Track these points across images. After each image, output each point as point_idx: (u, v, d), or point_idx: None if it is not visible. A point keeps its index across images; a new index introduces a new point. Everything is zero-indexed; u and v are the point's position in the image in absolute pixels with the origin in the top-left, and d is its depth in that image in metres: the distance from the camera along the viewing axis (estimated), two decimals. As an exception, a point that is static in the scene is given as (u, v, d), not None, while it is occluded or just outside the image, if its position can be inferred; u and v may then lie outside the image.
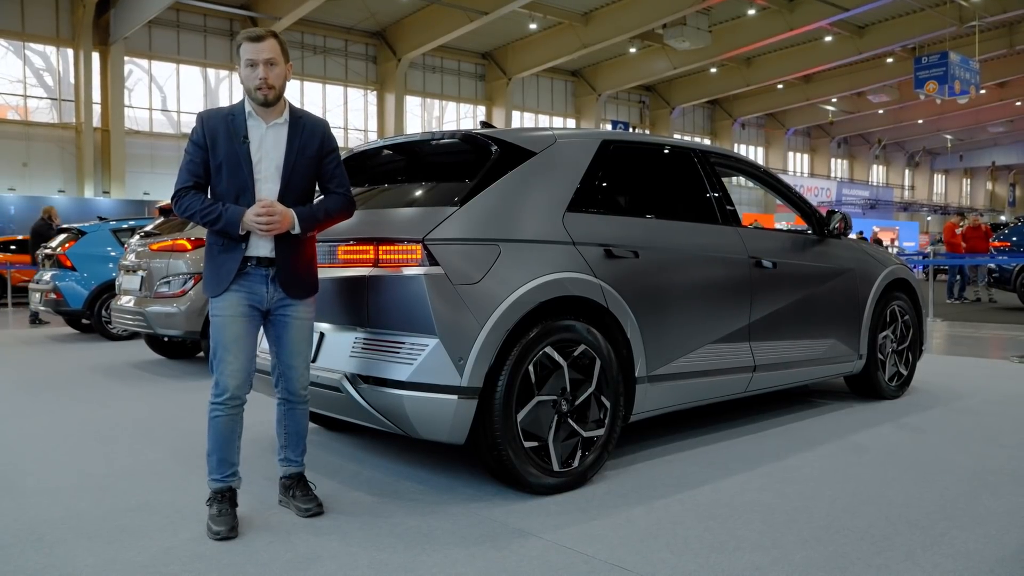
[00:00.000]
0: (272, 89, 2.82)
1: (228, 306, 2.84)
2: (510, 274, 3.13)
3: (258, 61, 2.80)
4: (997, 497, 3.16)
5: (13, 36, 21.32)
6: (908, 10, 25.69)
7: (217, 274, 2.86)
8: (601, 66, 31.54)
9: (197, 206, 2.80)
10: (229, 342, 2.83)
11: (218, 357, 2.83)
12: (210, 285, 2.88)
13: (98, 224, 10.05)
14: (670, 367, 3.73)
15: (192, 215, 2.82)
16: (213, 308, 2.87)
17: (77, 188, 22.01)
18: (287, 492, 3.08)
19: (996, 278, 13.17)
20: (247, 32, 2.85)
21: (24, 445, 4.22)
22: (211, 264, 2.89)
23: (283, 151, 2.87)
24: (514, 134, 3.57)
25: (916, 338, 5.39)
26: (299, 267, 2.93)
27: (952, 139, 46.29)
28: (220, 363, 2.83)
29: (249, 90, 2.84)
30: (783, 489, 3.28)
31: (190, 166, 2.84)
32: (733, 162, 4.67)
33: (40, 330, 10.68)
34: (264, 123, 2.86)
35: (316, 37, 26.31)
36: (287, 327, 2.94)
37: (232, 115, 2.86)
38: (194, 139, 2.85)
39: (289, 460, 3.09)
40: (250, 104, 2.87)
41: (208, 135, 2.83)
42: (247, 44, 2.82)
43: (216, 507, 2.83)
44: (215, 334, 2.85)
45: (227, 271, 2.84)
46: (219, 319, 2.85)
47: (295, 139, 2.90)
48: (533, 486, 3.18)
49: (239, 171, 2.82)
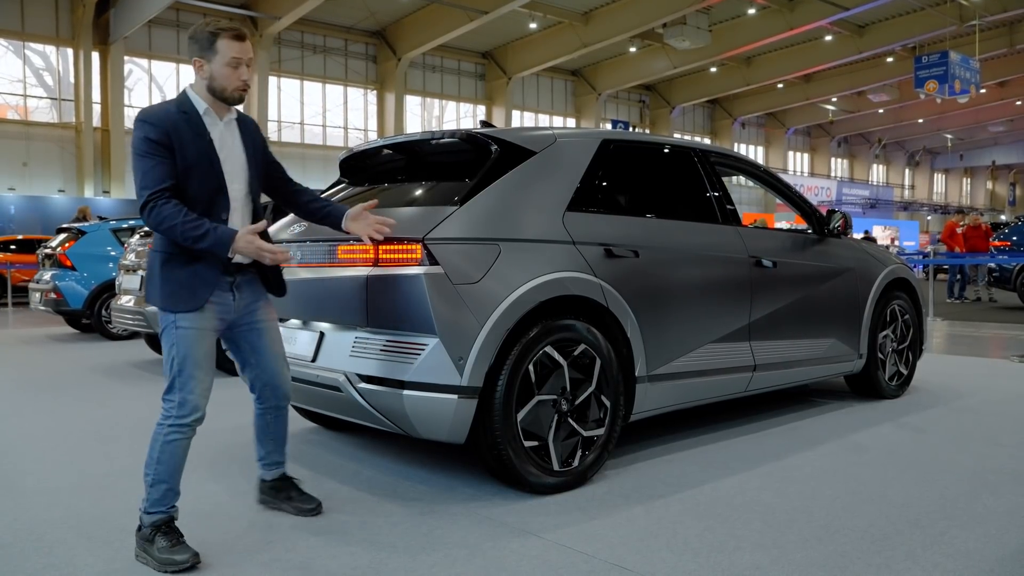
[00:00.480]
0: (248, 90, 2.72)
1: (200, 319, 2.61)
2: (510, 273, 3.13)
3: (243, 60, 2.65)
4: (997, 496, 3.16)
5: (13, 36, 21.32)
6: (908, 9, 25.69)
7: (189, 285, 2.60)
8: (601, 65, 31.54)
9: (179, 219, 2.50)
10: (202, 358, 2.61)
11: (186, 374, 2.58)
12: (180, 298, 2.60)
13: (98, 224, 10.05)
14: (670, 366, 3.73)
15: (170, 228, 2.51)
16: (180, 319, 2.59)
17: (77, 188, 22.01)
18: (278, 494, 3.02)
19: (996, 277, 13.17)
20: (231, 27, 2.66)
21: (24, 445, 4.22)
22: (176, 274, 2.61)
23: (241, 148, 2.75)
24: (514, 133, 3.57)
25: (916, 337, 5.39)
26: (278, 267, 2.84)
27: (952, 138, 46.28)
28: (190, 381, 2.58)
29: (223, 88, 2.64)
30: (783, 488, 3.28)
31: (158, 169, 2.53)
32: (733, 161, 4.67)
33: (40, 330, 10.67)
34: (220, 120, 2.69)
35: (316, 36, 26.31)
36: (263, 333, 2.83)
37: (185, 113, 2.63)
38: (153, 138, 2.54)
39: (277, 463, 3.04)
40: (206, 100, 2.66)
41: (172, 134, 2.56)
42: (232, 42, 2.64)
43: (168, 538, 2.54)
44: (183, 349, 2.58)
45: (203, 281, 2.62)
46: (190, 332, 2.59)
47: (247, 136, 2.78)
48: (533, 485, 3.18)
49: (211, 172, 2.63)
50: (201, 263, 2.62)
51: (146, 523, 2.58)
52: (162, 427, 2.60)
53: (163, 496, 2.59)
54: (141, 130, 2.56)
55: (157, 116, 2.58)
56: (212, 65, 2.63)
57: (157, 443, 2.59)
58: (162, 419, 2.61)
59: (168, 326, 2.62)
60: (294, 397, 3.56)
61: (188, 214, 2.53)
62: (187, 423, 2.59)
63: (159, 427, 2.61)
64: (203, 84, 2.66)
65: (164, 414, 2.61)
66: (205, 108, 2.66)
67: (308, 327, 3.41)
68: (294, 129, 26.76)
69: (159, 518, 2.57)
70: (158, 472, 2.58)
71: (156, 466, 2.58)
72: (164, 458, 2.58)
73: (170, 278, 2.61)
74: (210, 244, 2.53)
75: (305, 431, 4.36)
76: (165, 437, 2.58)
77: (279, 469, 3.04)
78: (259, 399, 2.95)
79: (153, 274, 2.66)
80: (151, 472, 2.59)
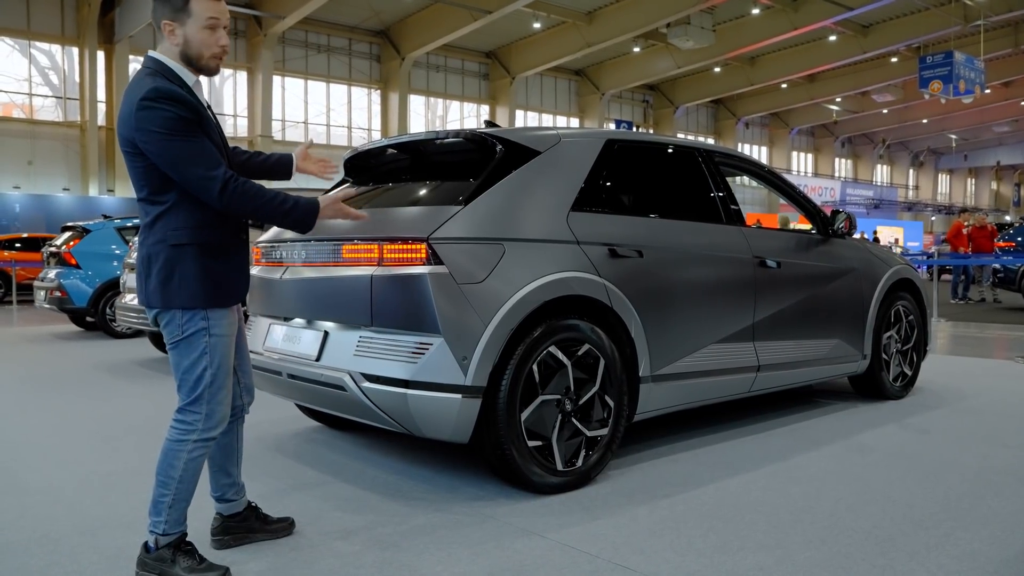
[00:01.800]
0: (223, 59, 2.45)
1: (232, 323, 2.45)
2: (514, 273, 3.13)
3: (221, 22, 2.37)
4: (1002, 498, 3.16)
5: (19, 35, 21.38)
6: (913, 9, 25.64)
7: (225, 282, 2.40)
8: (605, 65, 31.53)
9: (266, 195, 2.32)
10: (230, 368, 2.46)
11: (217, 385, 2.39)
12: (215, 296, 2.37)
13: (103, 222, 10.07)
14: (674, 367, 3.73)
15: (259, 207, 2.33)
16: (213, 326, 2.38)
17: (81, 186, 22.06)
18: (244, 524, 2.71)
19: (1001, 278, 13.14)
20: None
21: (28, 443, 4.23)
22: (211, 270, 2.37)
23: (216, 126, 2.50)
24: (518, 133, 3.57)
25: (920, 338, 5.38)
26: None
27: (957, 139, 46.19)
28: (220, 391, 2.40)
29: (199, 55, 2.36)
30: (787, 489, 3.28)
31: (210, 148, 2.32)
32: (737, 161, 4.67)
33: (45, 328, 10.70)
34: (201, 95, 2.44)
35: (320, 36, 26.34)
36: (242, 335, 2.66)
37: (186, 87, 2.36)
38: (188, 116, 2.29)
39: (241, 487, 2.74)
40: (189, 71, 2.39)
41: (196, 111, 2.32)
42: (209, 1, 2.34)
43: (190, 557, 2.38)
44: (218, 359, 2.39)
45: (239, 270, 2.45)
46: (224, 340, 2.40)
47: None
48: (537, 485, 3.18)
49: (223, 149, 2.46)
50: (235, 251, 2.44)
51: (162, 544, 2.38)
52: (184, 443, 2.36)
53: (180, 515, 2.41)
54: (170, 108, 2.25)
55: (177, 92, 2.29)
56: (186, 28, 2.33)
57: (179, 460, 2.36)
58: (182, 434, 2.37)
59: (197, 333, 2.36)
60: (299, 396, 3.58)
61: (265, 188, 2.35)
62: (214, 436, 2.42)
63: (179, 443, 2.37)
64: (175, 51, 2.35)
65: (186, 428, 2.37)
66: (195, 81, 2.40)
67: (312, 326, 3.41)
68: (298, 128, 26.79)
69: (175, 538, 2.40)
70: (179, 491, 2.37)
71: (178, 485, 2.37)
72: (188, 476, 2.38)
73: (212, 271, 2.36)
74: (300, 216, 2.39)
75: (309, 430, 4.36)
76: (190, 454, 2.37)
77: (242, 492, 2.74)
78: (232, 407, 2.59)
79: (179, 271, 2.33)
80: (170, 491, 2.36)
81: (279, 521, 2.79)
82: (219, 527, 2.70)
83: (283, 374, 3.43)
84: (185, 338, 2.37)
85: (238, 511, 2.72)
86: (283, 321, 3.60)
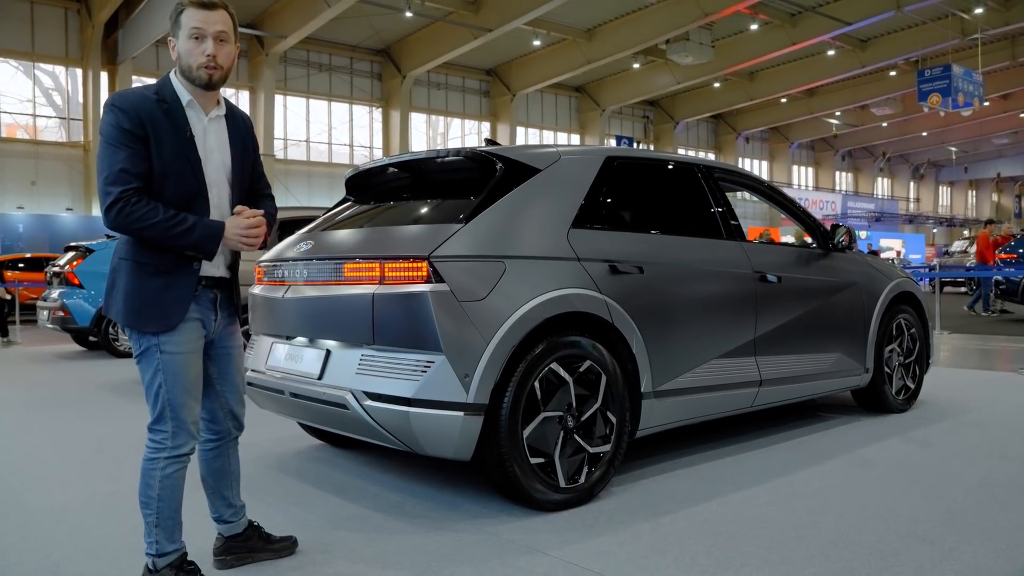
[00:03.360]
0: (219, 69, 2.34)
1: (187, 341, 2.36)
2: (515, 290, 3.14)
3: (207, 33, 2.31)
4: (1006, 511, 3.15)
5: (23, 56, 21.53)
6: (910, 23, 25.76)
7: (160, 302, 2.31)
8: (605, 81, 31.67)
9: (158, 216, 2.21)
10: (192, 384, 2.38)
11: (176, 403, 2.34)
12: (150, 317, 2.30)
13: (106, 242, 10.11)
14: (676, 382, 3.73)
15: (148, 227, 2.22)
16: (164, 343, 2.32)
17: (84, 206, 22.14)
18: (246, 544, 2.69)
19: (1003, 290, 13.13)
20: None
21: (31, 463, 4.23)
22: (142, 290, 2.31)
23: (228, 149, 2.44)
24: (518, 151, 3.60)
25: (923, 351, 5.38)
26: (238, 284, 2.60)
27: (957, 151, 46.26)
28: (182, 409, 2.35)
29: (188, 68, 2.32)
30: (791, 504, 3.27)
31: (130, 162, 2.21)
32: (737, 177, 4.69)
33: (48, 347, 10.71)
34: (204, 114, 2.39)
35: (322, 55, 26.50)
36: (231, 359, 2.58)
37: (165, 102, 2.31)
38: (126, 127, 2.22)
39: (240, 508, 2.71)
40: (186, 89, 2.36)
41: (147, 124, 2.25)
42: (193, 10, 2.31)
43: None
44: (171, 377, 2.33)
45: (179, 296, 2.33)
46: (176, 358, 2.33)
47: (236, 135, 2.48)
48: (539, 502, 3.17)
49: (188, 176, 2.32)
50: (176, 274, 2.33)
51: (160, 566, 2.38)
52: (155, 461, 2.36)
53: (171, 533, 2.39)
54: (112, 116, 2.25)
55: (132, 102, 2.27)
56: (179, 41, 2.34)
57: (154, 479, 2.36)
58: (153, 452, 2.37)
59: (149, 349, 2.33)
60: (301, 415, 3.58)
61: (167, 210, 2.24)
62: (184, 453, 2.39)
63: (151, 462, 2.37)
64: (177, 67, 2.38)
65: (156, 447, 2.36)
66: (189, 99, 2.36)
67: (314, 345, 3.42)
68: (300, 147, 26.91)
69: (174, 558, 2.40)
70: (161, 510, 2.37)
71: (158, 504, 2.36)
72: (165, 494, 2.36)
73: (138, 291, 2.31)
74: (198, 238, 2.27)
75: (311, 449, 4.36)
76: (163, 471, 2.36)
77: (242, 515, 2.71)
78: (216, 432, 2.62)
79: (116, 285, 2.34)
80: (152, 511, 2.36)
81: (281, 540, 2.78)
82: (221, 547, 2.69)
83: (285, 393, 3.43)
84: (141, 353, 2.36)
85: (238, 532, 2.70)
86: (285, 340, 3.61)
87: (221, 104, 2.46)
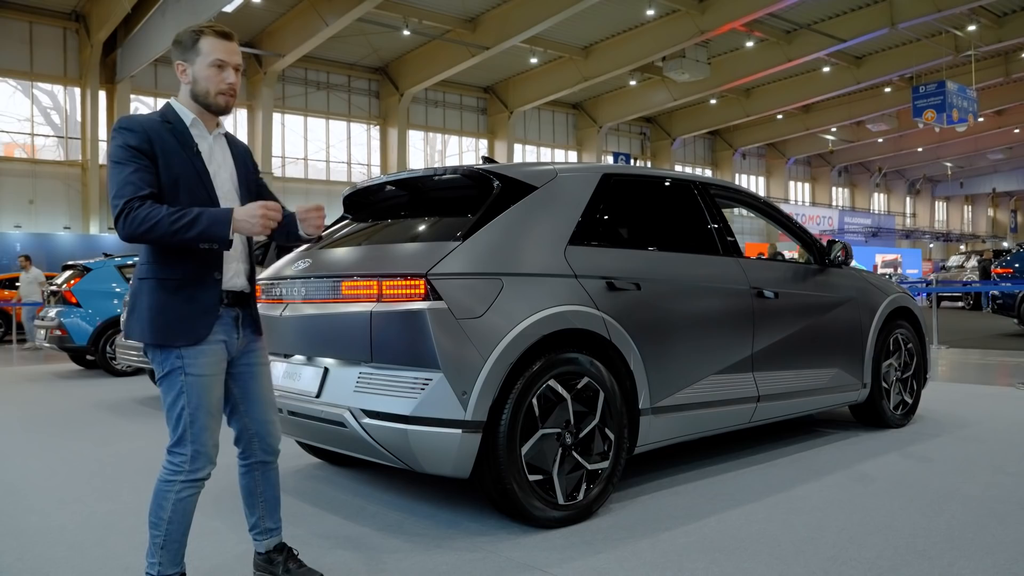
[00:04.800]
0: (234, 97, 2.48)
1: (211, 363, 2.37)
2: (513, 308, 3.15)
3: (229, 63, 2.42)
4: (1005, 526, 3.14)
5: (22, 76, 21.62)
6: (904, 40, 25.96)
7: (188, 314, 2.34)
8: (602, 99, 31.83)
9: (160, 214, 2.22)
10: (214, 407, 2.38)
11: (199, 426, 2.34)
12: (177, 331, 2.32)
13: (103, 261, 10.11)
14: (674, 398, 3.74)
15: (152, 227, 2.22)
16: (188, 366, 2.33)
17: (82, 225, 22.16)
18: (272, 565, 2.64)
19: (1000, 304, 13.15)
20: (214, 26, 2.43)
21: (28, 483, 4.21)
22: (165, 305, 2.33)
23: (231, 165, 2.52)
24: (515, 169, 3.62)
25: (920, 366, 5.38)
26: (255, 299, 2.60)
27: (952, 166, 46.47)
28: (202, 432, 2.35)
29: (206, 92, 2.41)
30: (789, 520, 3.26)
31: (139, 173, 2.27)
32: (733, 193, 4.71)
33: (45, 367, 10.68)
34: (208, 133, 2.47)
35: (319, 73, 26.63)
36: (256, 377, 2.56)
37: (170, 123, 2.40)
38: (133, 144, 2.30)
39: (270, 530, 2.66)
40: (192, 110, 2.44)
41: (155, 143, 2.33)
42: (217, 40, 2.40)
43: None
44: (195, 399, 2.34)
45: (204, 308, 2.36)
46: (201, 380, 2.35)
47: (237, 151, 2.56)
48: (538, 520, 3.17)
49: (199, 188, 2.38)
50: (198, 287, 2.36)
51: None
52: (172, 484, 2.35)
53: (175, 556, 2.39)
54: (119, 137, 2.32)
55: (138, 122, 2.36)
56: (195, 67, 2.41)
57: (168, 501, 2.34)
58: (170, 475, 2.35)
59: (173, 372, 2.34)
60: (299, 433, 3.57)
61: (168, 207, 2.24)
62: (201, 477, 2.37)
63: (167, 483, 2.35)
64: (187, 90, 2.45)
65: (173, 469, 2.35)
66: (192, 119, 2.44)
67: (312, 363, 3.42)
68: (298, 165, 26.98)
69: None
70: (170, 532, 2.35)
71: (167, 526, 2.35)
72: (177, 517, 2.35)
73: (162, 307, 2.33)
74: (206, 225, 2.24)
75: (309, 467, 4.35)
76: (178, 494, 2.34)
77: (274, 538, 2.67)
78: (244, 453, 2.61)
79: (139, 305, 2.37)
80: (161, 533, 2.35)
81: (311, 573, 2.65)
82: (253, 560, 2.70)
83: (283, 411, 3.43)
84: (164, 376, 2.36)
85: (259, 551, 2.67)
86: (283, 358, 3.61)
87: (221, 125, 2.54)
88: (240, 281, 2.48)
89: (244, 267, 2.51)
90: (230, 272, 2.44)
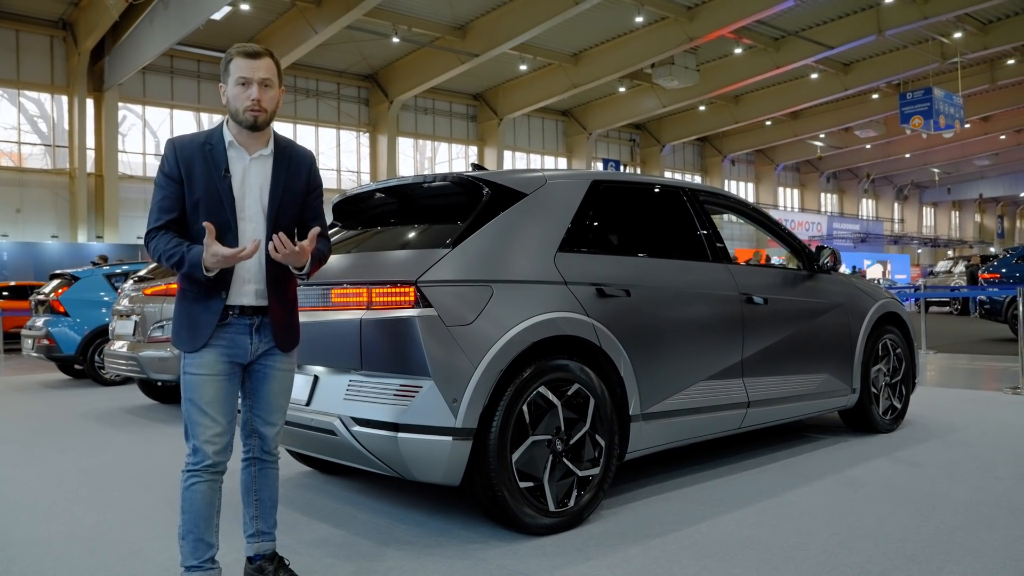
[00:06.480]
0: (264, 112, 2.50)
1: (205, 364, 2.49)
2: (503, 314, 3.15)
3: (252, 80, 2.48)
4: (993, 530, 3.16)
5: (9, 84, 21.51)
6: (891, 47, 26.19)
7: (192, 325, 2.51)
8: (591, 105, 31.93)
9: (162, 247, 2.45)
10: (206, 404, 2.49)
11: (192, 420, 2.49)
12: (183, 338, 2.52)
13: (91, 270, 10.05)
14: (664, 404, 3.74)
15: (159, 257, 2.47)
16: (187, 364, 2.51)
17: (70, 234, 22.04)
18: (263, 574, 2.67)
19: (987, 310, 13.23)
20: (241, 47, 2.53)
21: (15, 494, 4.18)
22: (184, 313, 2.54)
23: (269, 187, 2.55)
24: (505, 176, 3.62)
25: (909, 371, 5.41)
26: (293, 316, 2.66)
27: (939, 172, 46.81)
28: (196, 427, 2.49)
29: (236, 111, 2.51)
30: (779, 525, 3.27)
31: (163, 203, 2.49)
32: (722, 199, 4.73)
33: (32, 376, 10.61)
34: (247, 154, 2.54)
35: (309, 81, 26.62)
36: (267, 379, 2.63)
37: (210, 144, 2.52)
38: (166, 171, 2.49)
39: (262, 534, 2.69)
40: (233, 131, 2.55)
41: (183, 166, 2.48)
42: (241, 60, 2.50)
43: None
44: (189, 394, 2.50)
45: (205, 323, 2.49)
46: (194, 378, 2.50)
47: (281, 173, 2.58)
48: (529, 527, 3.16)
49: (219, 210, 2.47)
50: (207, 301, 2.50)
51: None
52: (184, 473, 2.51)
53: (194, 548, 2.47)
54: (163, 159, 2.54)
55: (179, 145, 2.53)
56: (228, 89, 2.53)
57: (181, 491, 2.51)
58: (184, 467, 2.52)
59: (182, 371, 2.54)
60: (289, 441, 3.56)
61: (171, 240, 2.46)
62: (199, 469, 2.47)
63: (183, 474, 2.52)
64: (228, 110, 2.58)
65: (185, 461, 2.53)
66: (230, 140, 2.54)
67: (302, 371, 3.41)
68: (287, 172, 26.89)
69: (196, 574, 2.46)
70: (185, 522, 2.48)
71: (183, 516, 2.48)
72: (186, 507, 2.48)
73: (179, 314, 2.55)
74: (187, 267, 2.43)
75: (300, 475, 4.33)
76: (185, 483, 2.49)
77: (261, 541, 2.69)
78: (246, 448, 2.71)
79: (174, 311, 2.60)
80: (180, 523, 2.50)
81: None
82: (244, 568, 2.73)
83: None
84: (181, 375, 2.56)
85: (249, 556, 2.70)
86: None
87: (269, 145, 2.59)
88: (246, 297, 2.55)
89: (253, 286, 2.56)
90: (239, 288, 2.54)
